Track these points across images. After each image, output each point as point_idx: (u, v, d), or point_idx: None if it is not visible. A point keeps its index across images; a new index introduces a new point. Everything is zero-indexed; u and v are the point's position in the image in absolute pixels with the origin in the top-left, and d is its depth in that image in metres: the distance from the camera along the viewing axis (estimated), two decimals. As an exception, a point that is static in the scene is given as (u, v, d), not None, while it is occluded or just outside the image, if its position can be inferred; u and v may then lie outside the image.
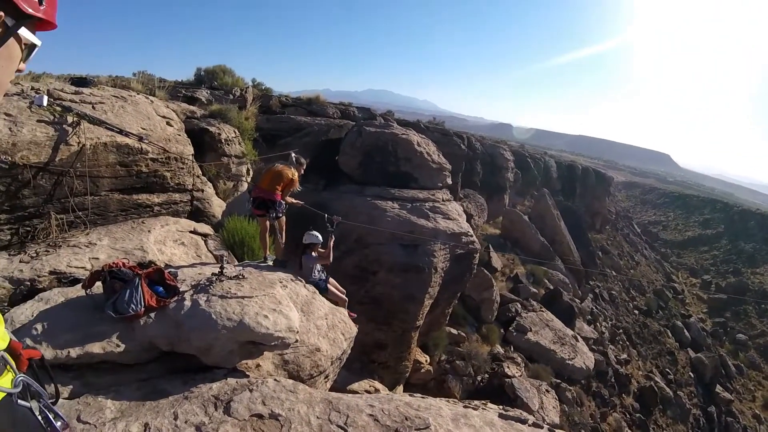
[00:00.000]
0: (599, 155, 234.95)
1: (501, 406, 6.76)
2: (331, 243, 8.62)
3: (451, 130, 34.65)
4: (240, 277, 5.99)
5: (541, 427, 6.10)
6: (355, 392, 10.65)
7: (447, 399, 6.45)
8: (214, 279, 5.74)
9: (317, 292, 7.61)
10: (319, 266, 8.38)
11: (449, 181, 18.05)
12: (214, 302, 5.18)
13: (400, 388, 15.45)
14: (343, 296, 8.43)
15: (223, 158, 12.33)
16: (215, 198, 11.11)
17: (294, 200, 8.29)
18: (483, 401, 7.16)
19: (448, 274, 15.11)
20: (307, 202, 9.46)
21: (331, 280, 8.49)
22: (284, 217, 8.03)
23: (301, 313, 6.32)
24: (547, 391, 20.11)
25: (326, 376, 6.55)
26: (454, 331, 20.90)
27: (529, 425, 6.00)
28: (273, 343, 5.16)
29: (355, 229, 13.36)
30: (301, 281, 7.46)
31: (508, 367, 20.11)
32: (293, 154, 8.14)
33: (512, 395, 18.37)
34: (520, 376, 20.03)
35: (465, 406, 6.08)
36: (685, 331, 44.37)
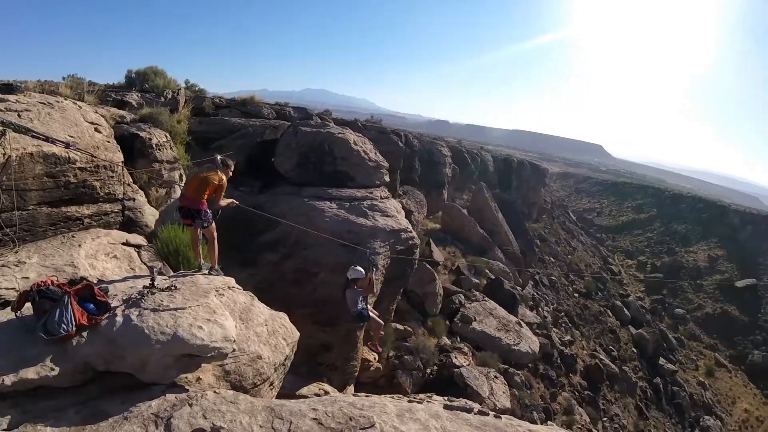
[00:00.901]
0: (534, 148, 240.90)
1: (446, 397, 6.84)
2: (372, 275, 9.00)
3: (388, 128, 34.86)
4: (172, 288, 5.80)
5: (487, 414, 6.22)
6: (304, 397, 10.56)
7: (392, 395, 6.49)
8: (145, 292, 5.54)
9: (255, 298, 7.42)
10: (361, 297, 8.94)
11: (387, 178, 18.06)
12: (147, 316, 5.01)
13: (351, 388, 15.41)
14: (380, 320, 8.77)
15: (155, 164, 11.94)
16: (147, 206, 10.76)
17: (227, 202, 7.90)
18: (428, 394, 7.24)
19: (389, 271, 15.15)
20: (244, 205, 9.36)
21: (370, 308, 8.81)
22: (214, 225, 7.67)
23: (239, 321, 6.20)
24: (496, 377, 20.52)
25: (271, 384, 6.47)
26: (400, 327, 21.04)
27: (474, 413, 6.12)
28: (210, 355, 5.03)
29: (293, 231, 13.22)
30: (239, 288, 7.29)
31: (456, 358, 20.43)
32: (219, 157, 7.86)
33: (462, 384, 18.69)
34: (469, 365, 20.37)
35: (410, 401, 6.12)
36: (625, 309, 46.64)
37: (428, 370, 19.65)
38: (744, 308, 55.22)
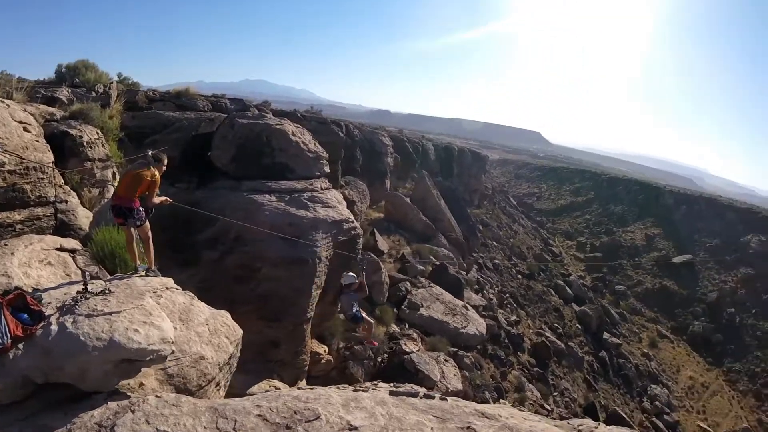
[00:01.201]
0: (474, 136, 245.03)
1: (392, 384, 6.91)
2: (364, 278, 9.10)
3: (329, 118, 34.67)
4: (106, 291, 5.62)
5: (433, 397, 6.31)
6: (254, 395, 10.42)
7: (337, 386, 6.53)
8: (79, 298, 5.33)
9: (195, 297, 7.28)
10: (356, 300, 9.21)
11: (327, 169, 17.85)
12: (81, 322, 4.84)
13: (303, 383, 15.28)
14: (371, 320, 8.92)
15: (87, 163, 11.44)
16: (81, 208, 10.35)
17: (161, 199, 7.68)
18: (374, 382, 7.31)
19: (333, 262, 15.04)
20: (181, 202, 9.13)
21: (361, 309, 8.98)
22: (148, 224, 7.44)
23: (179, 322, 6.08)
24: (446, 360, 20.81)
25: (217, 384, 6.38)
26: None
27: (420, 397, 6.21)
28: (149, 358, 4.91)
29: (233, 227, 12.88)
30: (177, 289, 7.12)
31: (405, 344, 20.60)
32: (150, 152, 7.63)
33: (413, 370, 18.84)
34: (418, 350, 20.57)
35: (355, 390, 6.17)
36: (567, 288, 48.32)
37: (379, 359, 19.74)
38: (682, 282, 58.29)
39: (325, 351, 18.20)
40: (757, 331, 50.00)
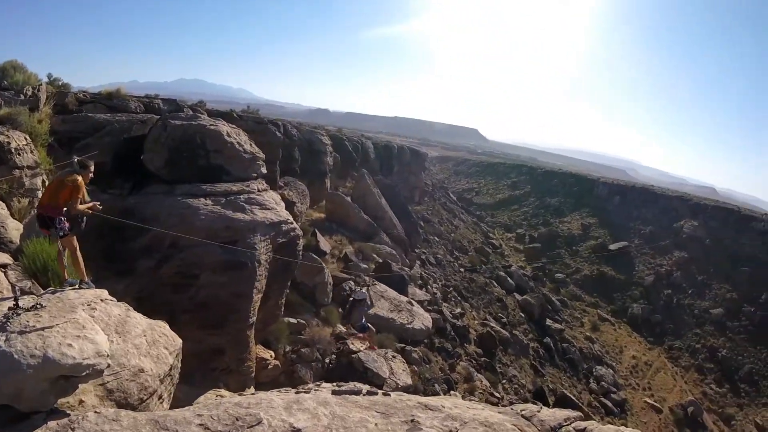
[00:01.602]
0: (413, 134, 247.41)
1: (335, 383, 6.91)
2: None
3: (266, 118, 34.13)
4: (38, 306, 5.37)
5: (376, 393, 6.38)
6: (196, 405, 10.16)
7: (279, 389, 6.48)
8: (10, 314, 5.08)
9: (131, 308, 7.03)
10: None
11: (264, 170, 17.52)
12: (14, 340, 4.62)
13: (250, 390, 15.04)
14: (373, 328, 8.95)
15: (15, 171, 10.94)
16: (10, 220, 9.85)
17: (87, 206, 7.24)
18: (317, 383, 7.29)
19: (273, 265, 14.83)
20: (114, 209, 8.83)
21: None
22: (73, 235, 7.04)
23: (115, 334, 5.87)
24: (394, 356, 20.94)
25: (159, 397, 6.21)
26: (293, 321, 20.83)
27: (363, 395, 6.27)
28: (84, 373, 4.72)
29: (168, 234, 12.52)
30: (112, 300, 6.84)
31: (352, 344, 20.57)
32: (76, 158, 7.29)
33: (362, 369, 18.86)
34: (366, 349, 20.59)
35: (297, 392, 6.16)
36: (509, 279, 49.70)
37: (327, 360, 19.65)
38: (619, 268, 61.46)
39: (271, 356, 17.99)
40: (695, 309, 53.40)
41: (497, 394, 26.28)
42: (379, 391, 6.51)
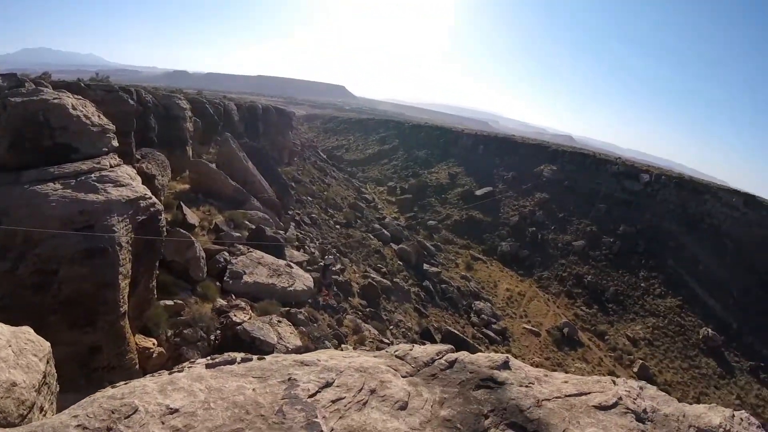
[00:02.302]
0: (279, 93, 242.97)
1: (209, 357, 6.72)
2: None
3: (116, 85, 31.56)
4: None
5: (251, 359, 6.27)
6: (71, 407, 9.43)
7: (152, 374, 6.16)
8: None
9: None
10: None
11: (116, 143, 15.99)
12: None
13: (141, 383, 13.98)
14: None
15: None
16: None
17: None
18: (191, 360, 7.04)
19: (136, 246, 13.70)
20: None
21: None
22: None
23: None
24: (279, 321, 20.45)
25: (41, 409, 5.80)
26: (170, 302, 19.55)
27: (238, 362, 6.16)
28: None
29: (19, 230, 11.14)
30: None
31: (235, 315, 19.78)
32: None
33: (249, 339, 18.21)
34: (250, 318, 19.94)
35: (171, 373, 5.96)
36: (384, 230, 51.24)
37: (212, 337, 18.78)
38: (486, 212, 66.22)
39: (154, 344, 16.86)
40: (558, 243, 59.69)
41: (386, 340, 27.07)
42: (254, 357, 6.39)
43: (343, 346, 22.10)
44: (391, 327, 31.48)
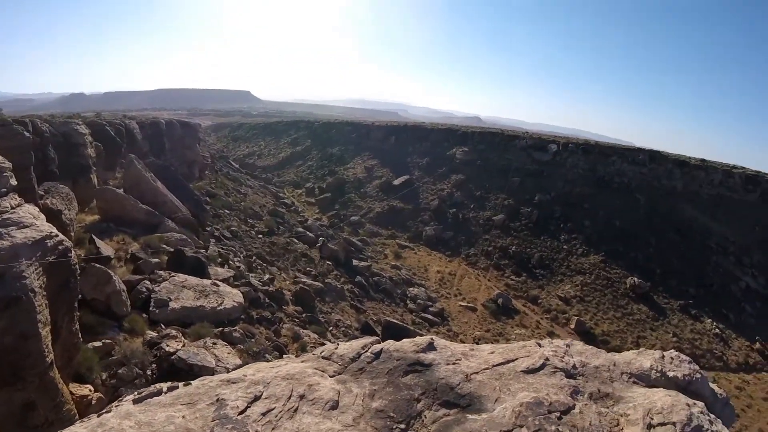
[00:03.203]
0: (182, 105, 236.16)
1: (136, 392, 6.56)
2: None
3: (9, 117, 29.64)
4: None
5: (177, 387, 6.27)
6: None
7: (82, 419, 5.96)
8: None
9: None
10: None
11: (14, 181, 14.85)
12: None
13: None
14: None
15: None
16: None
17: None
18: (119, 398, 6.82)
19: (51, 289, 12.87)
20: None
21: None
22: None
23: None
24: (214, 343, 19.95)
25: None
26: (98, 343, 18.43)
27: (165, 393, 6.13)
28: None
29: None
30: None
31: (168, 345, 18.99)
32: None
33: (186, 367, 17.59)
34: (183, 346, 19.25)
35: (99, 415, 5.80)
36: (308, 233, 51.62)
37: (148, 372, 18.01)
38: (406, 200, 68.29)
39: (90, 390, 15.91)
40: (479, 220, 62.73)
41: (328, 342, 26.90)
42: (180, 384, 6.35)
43: (285, 356, 21.84)
44: (331, 328, 31.61)
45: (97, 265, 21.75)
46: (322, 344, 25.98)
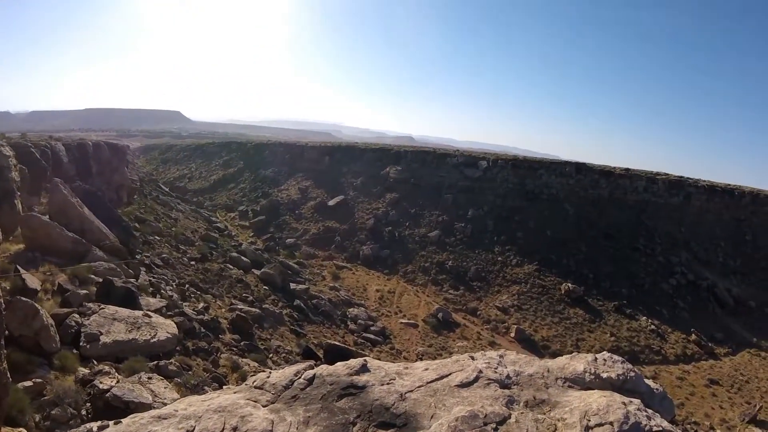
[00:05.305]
0: (111, 126, 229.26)
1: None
2: None
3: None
4: None
5: (107, 426, 6.54)
6: None
7: None
8: None
9: None
10: None
11: None
12: None
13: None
14: None
15: None
16: None
17: None
18: None
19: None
20: None
21: None
22: None
23: None
24: (150, 378, 19.21)
25: None
26: (29, 383, 17.44)
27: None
28: None
29: None
30: None
31: (101, 383, 18.17)
32: None
33: (122, 405, 16.89)
34: (118, 382, 18.53)
35: None
36: (243, 257, 50.26)
37: (83, 412, 17.24)
38: (342, 219, 68.82)
39: None
40: (415, 237, 64.18)
41: (269, 370, 26.44)
42: (110, 423, 6.51)
43: (225, 387, 21.36)
44: (271, 355, 31.00)
45: (23, 299, 20.78)
46: (263, 371, 25.67)
